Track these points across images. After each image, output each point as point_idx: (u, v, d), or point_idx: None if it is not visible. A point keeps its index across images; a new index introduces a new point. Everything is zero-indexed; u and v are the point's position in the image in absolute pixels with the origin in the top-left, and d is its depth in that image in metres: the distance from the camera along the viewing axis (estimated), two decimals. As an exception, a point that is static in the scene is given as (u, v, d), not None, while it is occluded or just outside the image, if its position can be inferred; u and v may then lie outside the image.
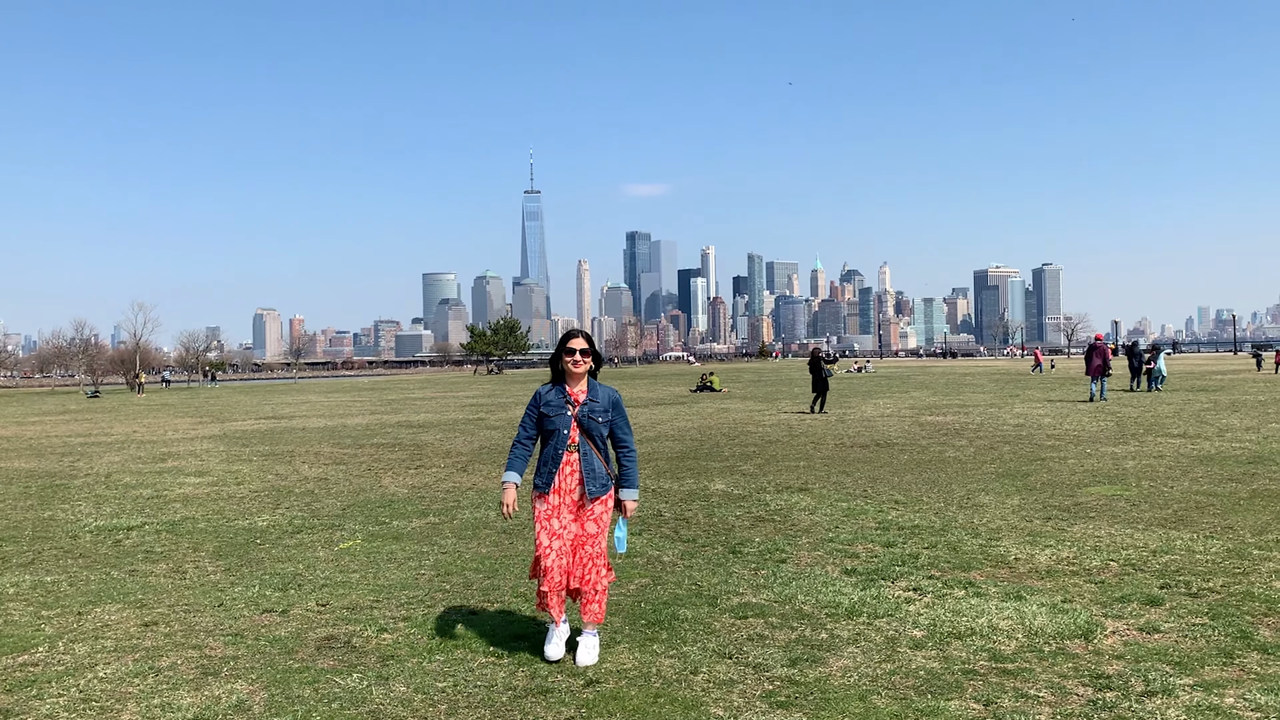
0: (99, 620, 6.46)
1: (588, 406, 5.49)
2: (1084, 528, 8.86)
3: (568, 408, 5.48)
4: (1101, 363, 27.24)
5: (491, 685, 5.02)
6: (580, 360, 5.49)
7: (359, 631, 6.03)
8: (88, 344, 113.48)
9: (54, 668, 5.48)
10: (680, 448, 17.02)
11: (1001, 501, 10.38)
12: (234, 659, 5.55)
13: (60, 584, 7.61)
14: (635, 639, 5.74)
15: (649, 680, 5.04)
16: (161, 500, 12.18)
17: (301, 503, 11.62)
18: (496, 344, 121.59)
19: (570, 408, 5.48)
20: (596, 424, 5.48)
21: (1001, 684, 4.89)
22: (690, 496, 11.31)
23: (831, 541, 8.48)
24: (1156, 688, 4.78)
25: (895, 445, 16.45)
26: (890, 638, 5.68)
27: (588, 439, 5.48)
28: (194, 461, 16.99)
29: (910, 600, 6.49)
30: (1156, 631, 5.71)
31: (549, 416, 5.47)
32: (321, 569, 7.88)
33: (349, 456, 17.11)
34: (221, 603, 6.85)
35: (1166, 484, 11.31)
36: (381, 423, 26.11)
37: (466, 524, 9.82)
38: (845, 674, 5.08)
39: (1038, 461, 13.69)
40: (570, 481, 5.47)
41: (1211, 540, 8.16)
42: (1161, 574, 7.08)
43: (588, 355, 5.52)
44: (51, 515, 11.20)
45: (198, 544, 9.14)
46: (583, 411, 5.48)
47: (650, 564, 7.77)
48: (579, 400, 5.51)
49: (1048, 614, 6.08)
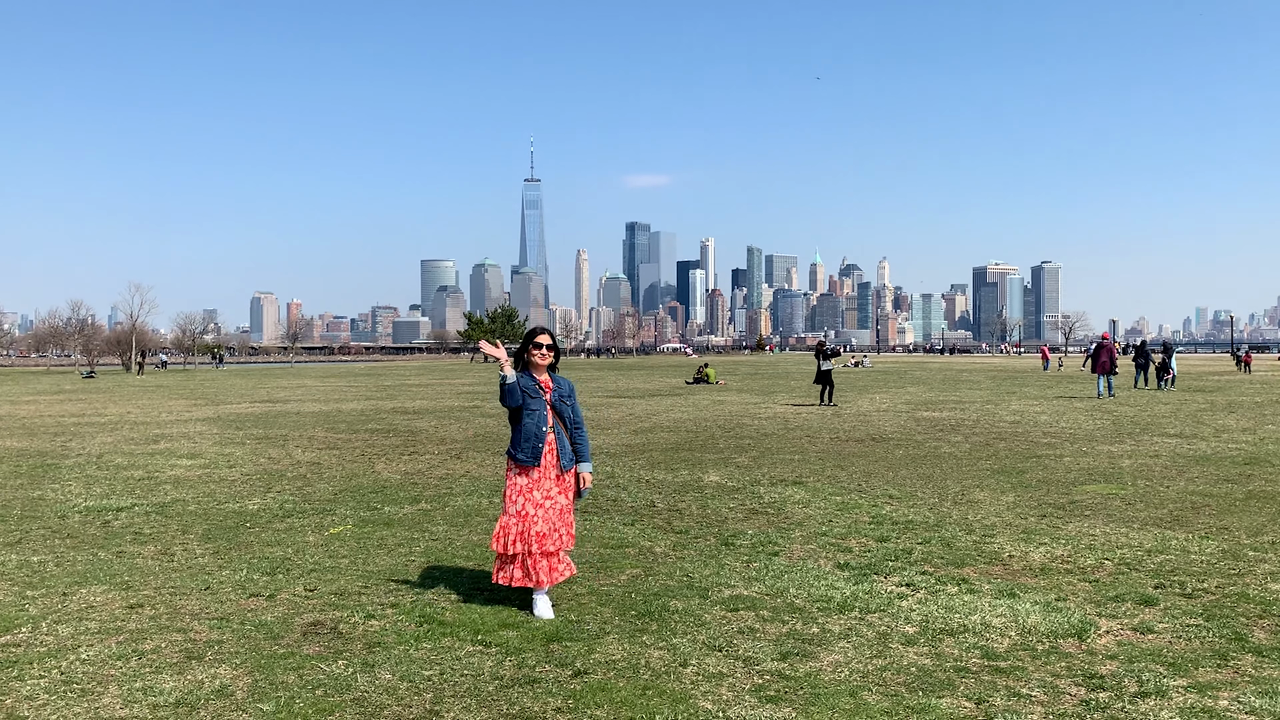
0: (84, 601, 6.39)
1: (556, 393, 6.23)
2: (1079, 526, 8.82)
3: (542, 394, 6.15)
4: (1108, 360, 27.61)
5: (478, 674, 4.96)
6: (546, 354, 6.24)
7: (346, 617, 5.96)
8: (84, 324, 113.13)
9: (36, 649, 5.41)
10: (675, 439, 16.96)
11: (996, 498, 10.33)
12: (219, 643, 5.48)
13: (47, 564, 7.55)
14: (625, 630, 5.68)
15: (638, 672, 4.98)
16: (152, 482, 12.12)
17: (293, 487, 11.55)
18: (494, 332, 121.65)
19: (544, 393, 6.16)
20: (565, 408, 6.24)
21: (994, 682, 4.84)
22: (684, 488, 11.26)
23: (825, 535, 8.43)
24: (1150, 689, 4.73)
25: (891, 440, 16.40)
26: (882, 633, 5.63)
27: (559, 421, 6.21)
28: (186, 444, 16.92)
29: (903, 596, 6.44)
30: (1150, 632, 5.66)
31: (529, 399, 6.11)
32: (310, 554, 7.81)
33: (343, 441, 17.04)
34: (208, 586, 6.78)
35: (1162, 484, 11.27)
36: (376, 408, 26.03)
37: (458, 511, 9.76)
38: (836, 669, 5.02)
39: (1033, 459, 13.65)
40: (549, 458, 6.14)
41: (1207, 541, 8.12)
42: (1156, 574, 7.04)
43: (552, 350, 6.29)
44: (41, 495, 11.13)
45: (187, 526, 9.07)
46: (554, 397, 6.21)
47: (642, 555, 7.71)
48: (549, 388, 6.21)
49: (1041, 612, 6.03)
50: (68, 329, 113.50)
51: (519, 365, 6.26)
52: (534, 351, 6.23)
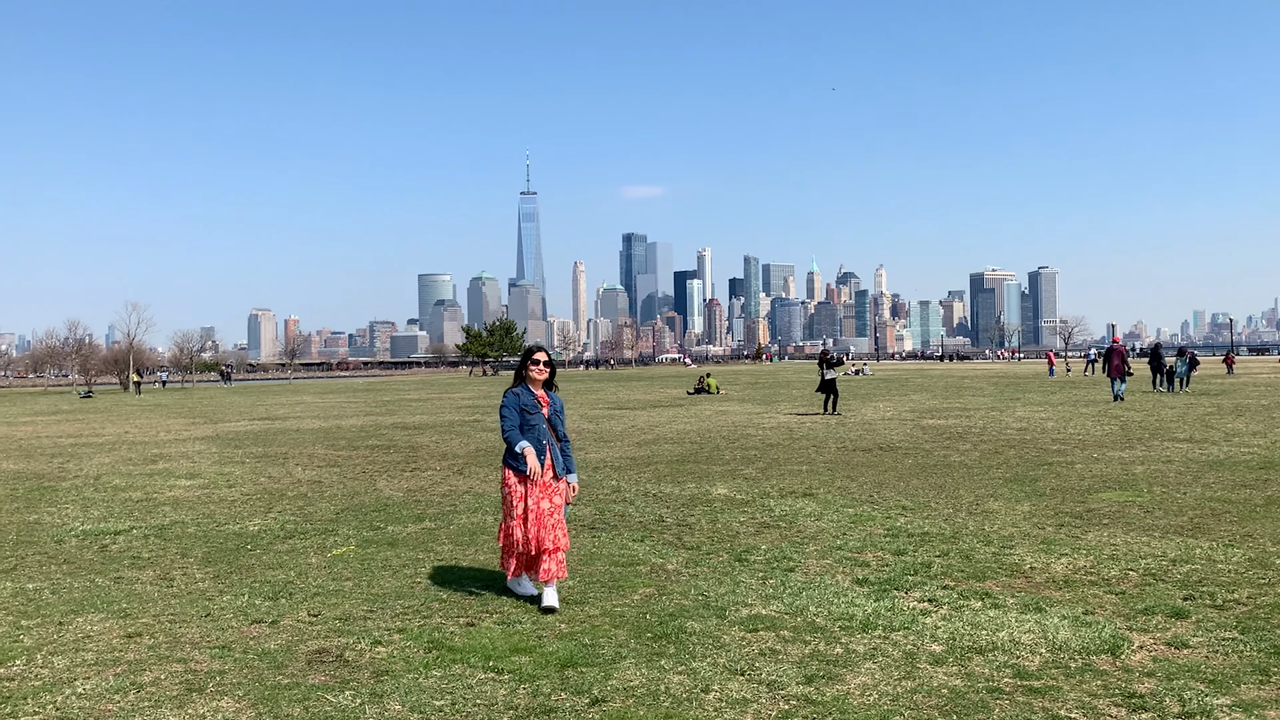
0: (80, 631, 6.18)
1: (552, 408, 6.81)
2: (1099, 535, 8.62)
3: (541, 409, 6.70)
4: (1120, 363, 28.37)
5: (491, 704, 4.76)
6: (542, 369, 6.79)
7: (352, 644, 5.76)
8: (81, 344, 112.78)
9: (31, 682, 5.20)
10: (680, 451, 16.76)
11: (1012, 507, 10.14)
12: (220, 673, 5.28)
13: (42, 592, 7.34)
14: (642, 653, 5.48)
15: (658, 699, 4.77)
16: (151, 503, 11.90)
17: (294, 506, 11.34)
18: (492, 345, 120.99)
19: (542, 408, 6.72)
20: (559, 422, 6.85)
21: (1029, 703, 4.64)
22: (692, 501, 11.06)
23: (840, 549, 8.23)
24: (1194, 708, 4.53)
25: (898, 449, 16.20)
26: (909, 652, 5.43)
27: (553, 434, 6.77)
28: (185, 463, 16.70)
29: (926, 612, 6.24)
30: (1185, 646, 5.46)
31: (529, 414, 6.66)
32: (313, 576, 7.61)
33: (343, 459, 16.83)
34: (209, 612, 6.57)
35: (1178, 490, 11.08)
36: (376, 424, 25.82)
37: (464, 529, 9.55)
38: (864, 692, 4.82)
39: (1045, 466, 13.45)
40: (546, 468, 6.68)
41: (1232, 549, 7.92)
42: (1184, 584, 6.84)
43: (548, 366, 6.84)
44: (37, 519, 10.92)
45: (186, 550, 8.86)
46: (551, 411, 6.79)
47: (654, 572, 7.51)
48: (546, 403, 6.77)
49: (1070, 627, 5.83)
50: (65, 349, 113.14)
51: (518, 381, 6.81)
52: (531, 368, 6.78)
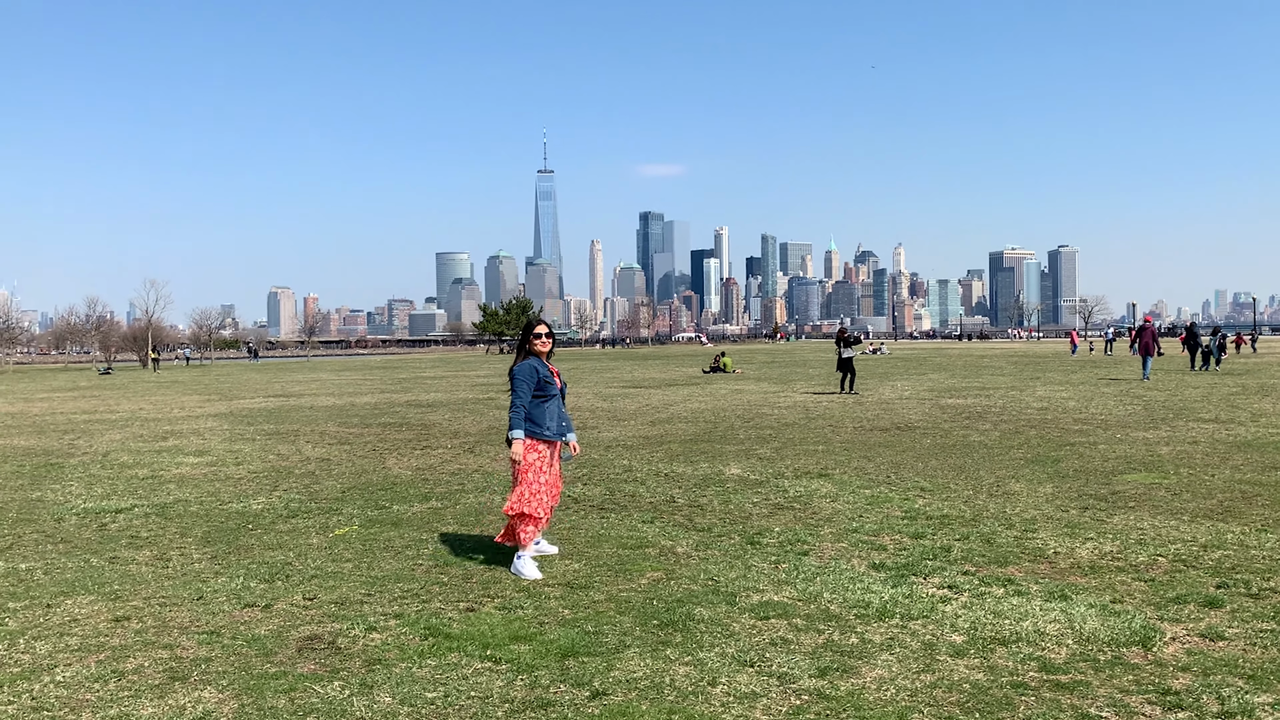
0: (68, 614, 5.98)
1: (561, 377, 7.13)
2: (1124, 518, 8.31)
3: (555, 381, 6.97)
4: (1151, 342, 28.52)
5: (486, 696, 4.51)
6: (545, 340, 7.02)
7: (345, 630, 5.53)
8: (101, 321, 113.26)
9: (10, 669, 4.99)
10: (694, 430, 16.48)
11: (1034, 489, 9.82)
12: (206, 661, 5.06)
13: (35, 572, 7.15)
14: (646, 642, 5.22)
15: (661, 692, 4.52)
16: (156, 481, 11.74)
17: (300, 485, 11.15)
18: (509, 324, 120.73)
19: (555, 379, 7.00)
20: (565, 393, 7.19)
21: (1057, 700, 4.35)
22: (705, 481, 10.79)
23: (856, 532, 7.95)
24: (1233, 707, 4.23)
25: (917, 429, 15.87)
26: (927, 643, 5.15)
27: (562, 400, 7.14)
28: (195, 440, 16.56)
29: (946, 600, 5.95)
30: (1221, 638, 5.16)
31: (548, 384, 6.91)
32: (313, 558, 7.39)
33: (354, 436, 16.64)
34: (201, 595, 6.36)
35: (1206, 472, 10.73)
36: (390, 401, 25.66)
37: (470, 509, 9.32)
38: (881, 686, 4.55)
39: (1067, 446, 13.11)
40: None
41: (1265, 534, 7.60)
42: (1216, 571, 6.53)
43: (550, 338, 7.07)
44: (40, 496, 10.76)
45: (186, 529, 8.67)
46: (561, 383, 7.09)
47: (663, 555, 7.25)
48: (556, 373, 7.05)
49: (1098, 616, 5.54)
50: (86, 326, 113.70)
51: (522, 355, 6.99)
52: (535, 341, 7.00)
